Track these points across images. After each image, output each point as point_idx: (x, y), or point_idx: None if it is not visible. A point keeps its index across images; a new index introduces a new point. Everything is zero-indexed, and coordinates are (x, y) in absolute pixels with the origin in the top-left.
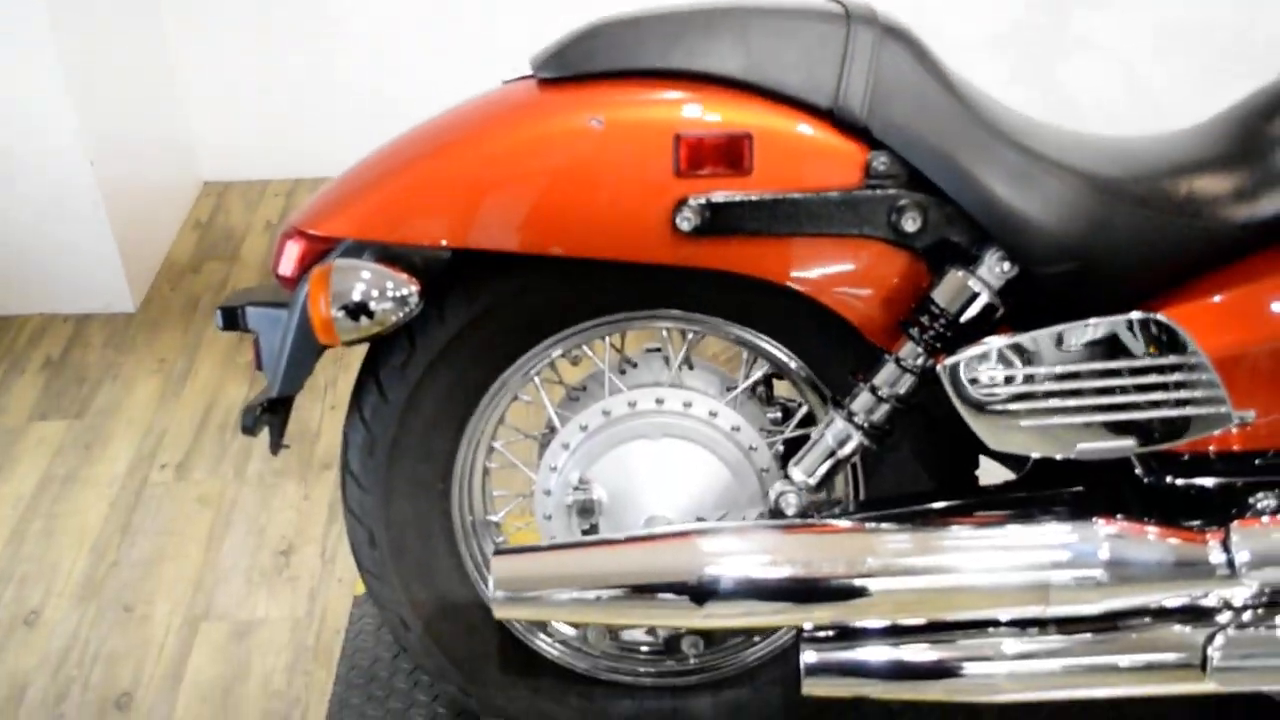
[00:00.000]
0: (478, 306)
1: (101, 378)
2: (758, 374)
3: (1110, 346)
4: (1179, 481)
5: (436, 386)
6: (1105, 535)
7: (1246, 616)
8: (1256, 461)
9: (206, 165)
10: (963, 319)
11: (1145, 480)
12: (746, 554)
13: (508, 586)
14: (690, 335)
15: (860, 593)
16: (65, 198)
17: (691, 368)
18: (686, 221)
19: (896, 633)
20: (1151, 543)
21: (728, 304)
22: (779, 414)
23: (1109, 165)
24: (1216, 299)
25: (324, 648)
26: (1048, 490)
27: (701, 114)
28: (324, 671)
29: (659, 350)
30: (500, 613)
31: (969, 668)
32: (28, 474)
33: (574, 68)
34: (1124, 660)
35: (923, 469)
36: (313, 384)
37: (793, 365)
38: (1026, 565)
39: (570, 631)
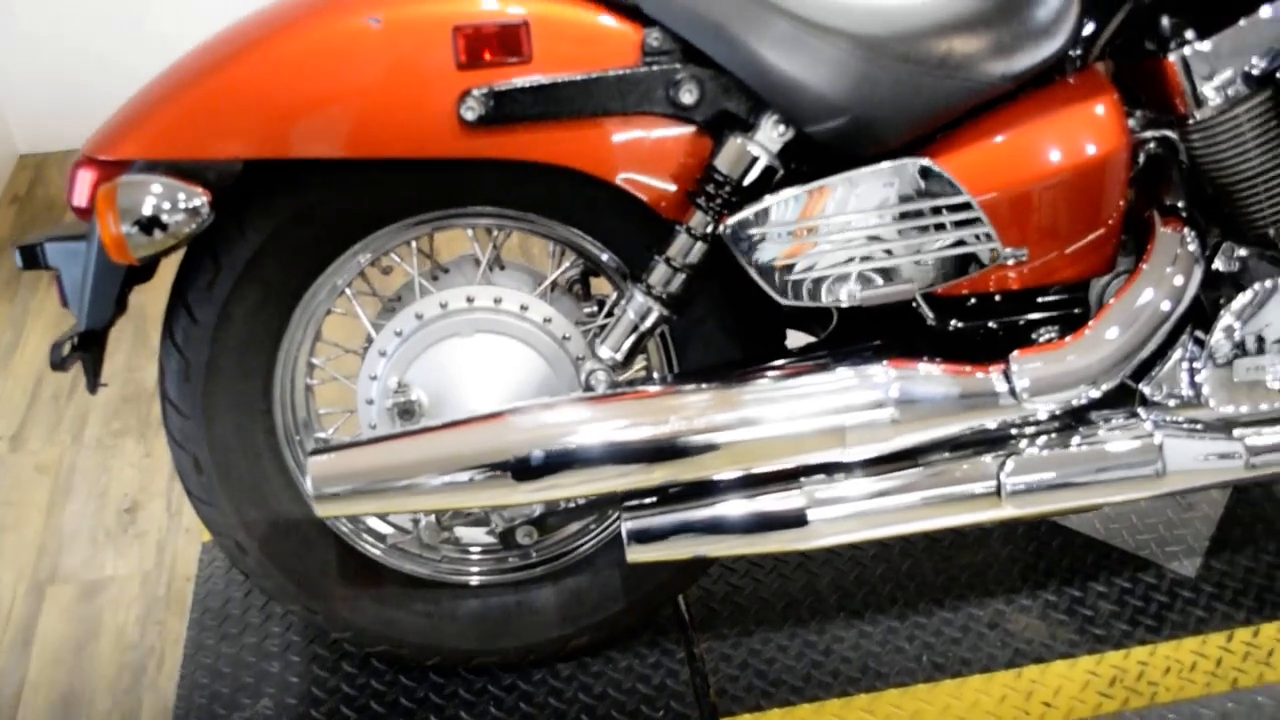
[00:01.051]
0: (277, 217)
1: None
2: (568, 265)
3: (882, 194)
4: (966, 324)
5: (246, 303)
6: (892, 376)
7: (1037, 441)
8: (1036, 299)
9: (20, 136)
10: (745, 183)
11: (934, 326)
12: (558, 426)
13: (326, 484)
14: (496, 234)
15: (669, 452)
16: None
17: (504, 269)
18: (471, 111)
19: (712, 493)
20: (936, 378)
21: (526, 196)
22: (595, 308)
23: (873, 26)
24: (979, 145)
25: (175, 596)
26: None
27: (478, 5)
28: (177, 619)
29: (471, 256)
30: (322, 511)
31: (785, 518)
32: None
33: None
34: (927, 495)
35: (730, 342)
36: (149, 343)
37: (604, 257)
38: (822, 410)
39: (402, 536)
